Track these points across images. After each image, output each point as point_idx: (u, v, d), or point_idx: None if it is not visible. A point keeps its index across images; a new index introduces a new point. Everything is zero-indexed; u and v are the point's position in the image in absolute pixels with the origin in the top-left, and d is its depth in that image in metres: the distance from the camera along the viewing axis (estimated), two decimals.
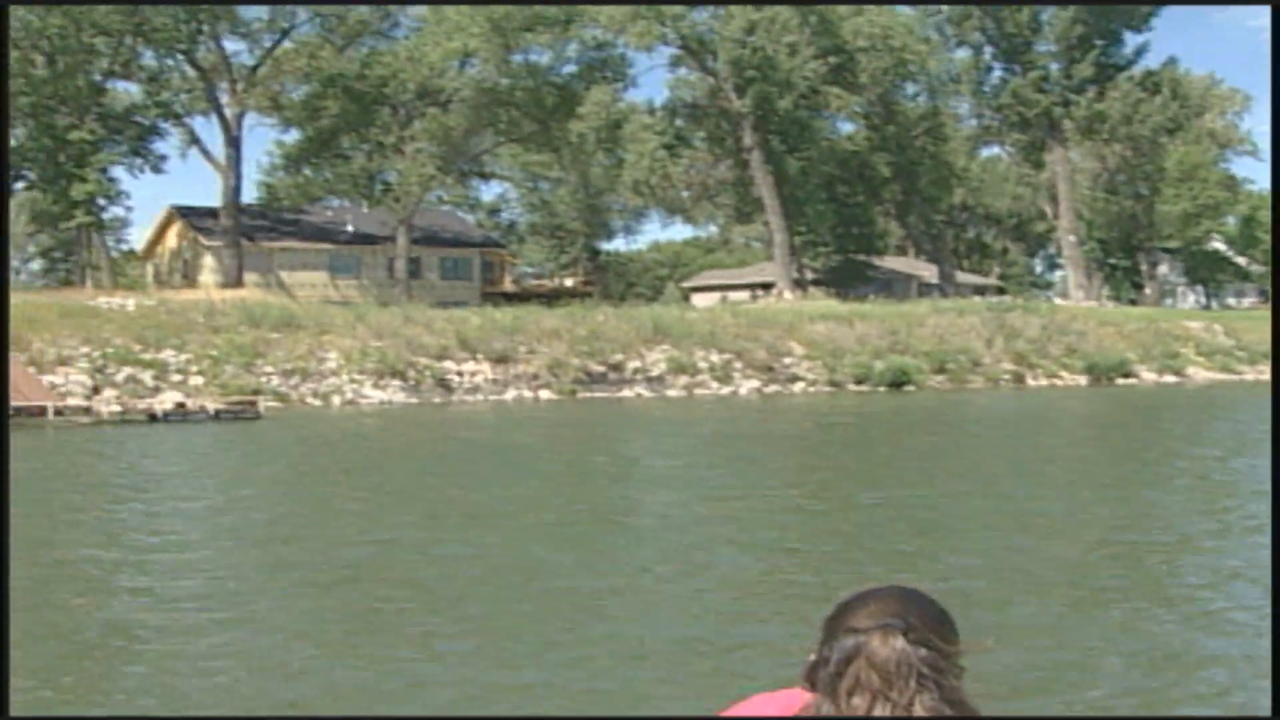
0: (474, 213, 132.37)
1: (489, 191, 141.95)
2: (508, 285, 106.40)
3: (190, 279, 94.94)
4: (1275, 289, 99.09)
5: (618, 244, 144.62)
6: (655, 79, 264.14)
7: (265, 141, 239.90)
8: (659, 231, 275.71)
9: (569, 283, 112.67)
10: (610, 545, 22.27)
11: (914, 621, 2.76)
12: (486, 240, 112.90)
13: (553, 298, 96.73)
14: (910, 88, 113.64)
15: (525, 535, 22.49)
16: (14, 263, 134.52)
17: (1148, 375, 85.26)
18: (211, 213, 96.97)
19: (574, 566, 19.57)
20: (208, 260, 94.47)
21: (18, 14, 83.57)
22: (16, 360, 60.42)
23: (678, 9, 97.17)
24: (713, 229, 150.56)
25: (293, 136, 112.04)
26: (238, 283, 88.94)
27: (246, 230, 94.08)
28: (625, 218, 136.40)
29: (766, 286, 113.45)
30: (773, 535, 22.95)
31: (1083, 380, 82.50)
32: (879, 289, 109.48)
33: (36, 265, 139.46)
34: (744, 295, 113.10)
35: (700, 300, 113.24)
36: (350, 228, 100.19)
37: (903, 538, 22.16)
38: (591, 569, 19.42)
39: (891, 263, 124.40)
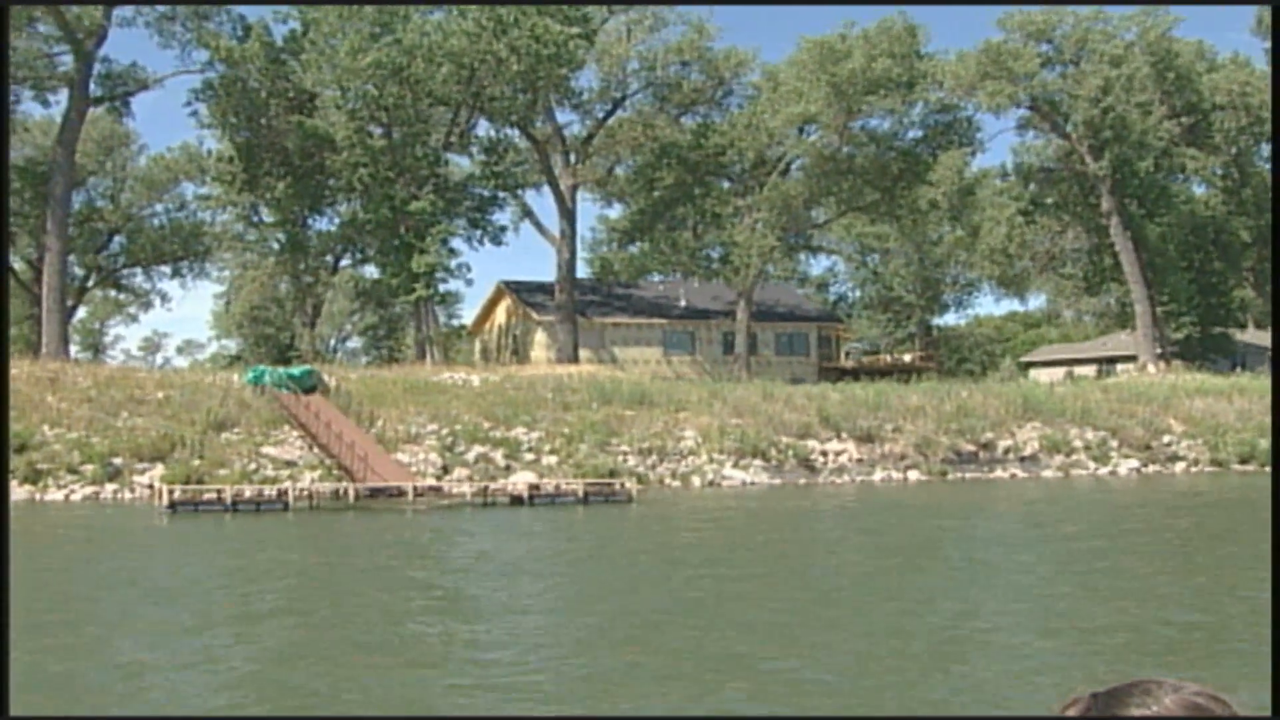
0: (802, 287, 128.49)
1: (817, 265, 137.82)
2: (844, 360, 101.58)
3: (521, 355, 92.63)
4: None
5: (948, 318, 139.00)
6: (998, 145, 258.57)
7: (589, 217, 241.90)
8: (992, 305, 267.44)
9: (906, 357, 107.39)
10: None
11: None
12: (823, 314, 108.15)
13: (891, 373, 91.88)
14: (1264, 148, 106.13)
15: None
16: (331, 341, 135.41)
17: None
18: (541, 287, 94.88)
19: None
20: (539, 336, 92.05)
21: (354, 84, 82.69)
22: (371, 439, 58.34)
23: (1030, 67, 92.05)
24: (1040, 303, 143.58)
25: (618, 211, 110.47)
26: (573, 358, 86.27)
27: (579, 305, 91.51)
28: (957, 291, 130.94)
29: (1113, 360, 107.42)
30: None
31: None
32: (1234, 363, 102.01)
33: (355, 343, 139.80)
34: (1089, 370, 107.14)
35: (1039, 375, 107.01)
36: (683, 302, 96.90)
37: None
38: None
39: (1245, 334, 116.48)
